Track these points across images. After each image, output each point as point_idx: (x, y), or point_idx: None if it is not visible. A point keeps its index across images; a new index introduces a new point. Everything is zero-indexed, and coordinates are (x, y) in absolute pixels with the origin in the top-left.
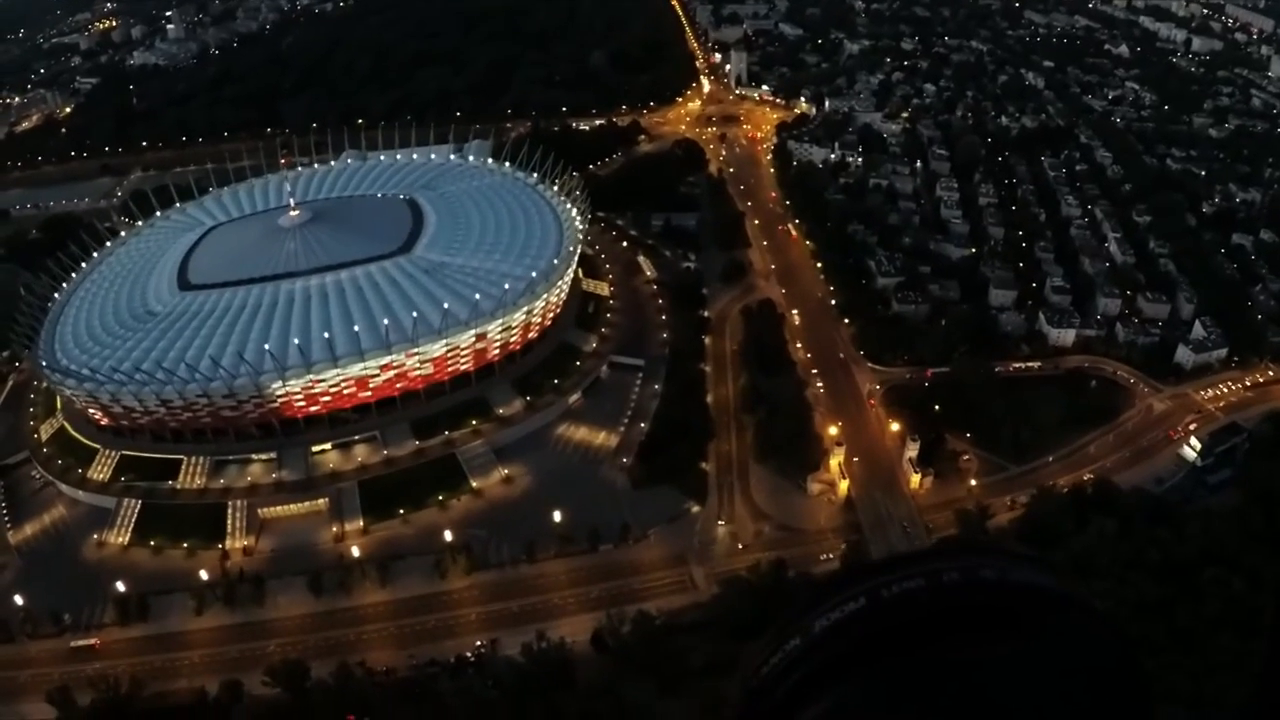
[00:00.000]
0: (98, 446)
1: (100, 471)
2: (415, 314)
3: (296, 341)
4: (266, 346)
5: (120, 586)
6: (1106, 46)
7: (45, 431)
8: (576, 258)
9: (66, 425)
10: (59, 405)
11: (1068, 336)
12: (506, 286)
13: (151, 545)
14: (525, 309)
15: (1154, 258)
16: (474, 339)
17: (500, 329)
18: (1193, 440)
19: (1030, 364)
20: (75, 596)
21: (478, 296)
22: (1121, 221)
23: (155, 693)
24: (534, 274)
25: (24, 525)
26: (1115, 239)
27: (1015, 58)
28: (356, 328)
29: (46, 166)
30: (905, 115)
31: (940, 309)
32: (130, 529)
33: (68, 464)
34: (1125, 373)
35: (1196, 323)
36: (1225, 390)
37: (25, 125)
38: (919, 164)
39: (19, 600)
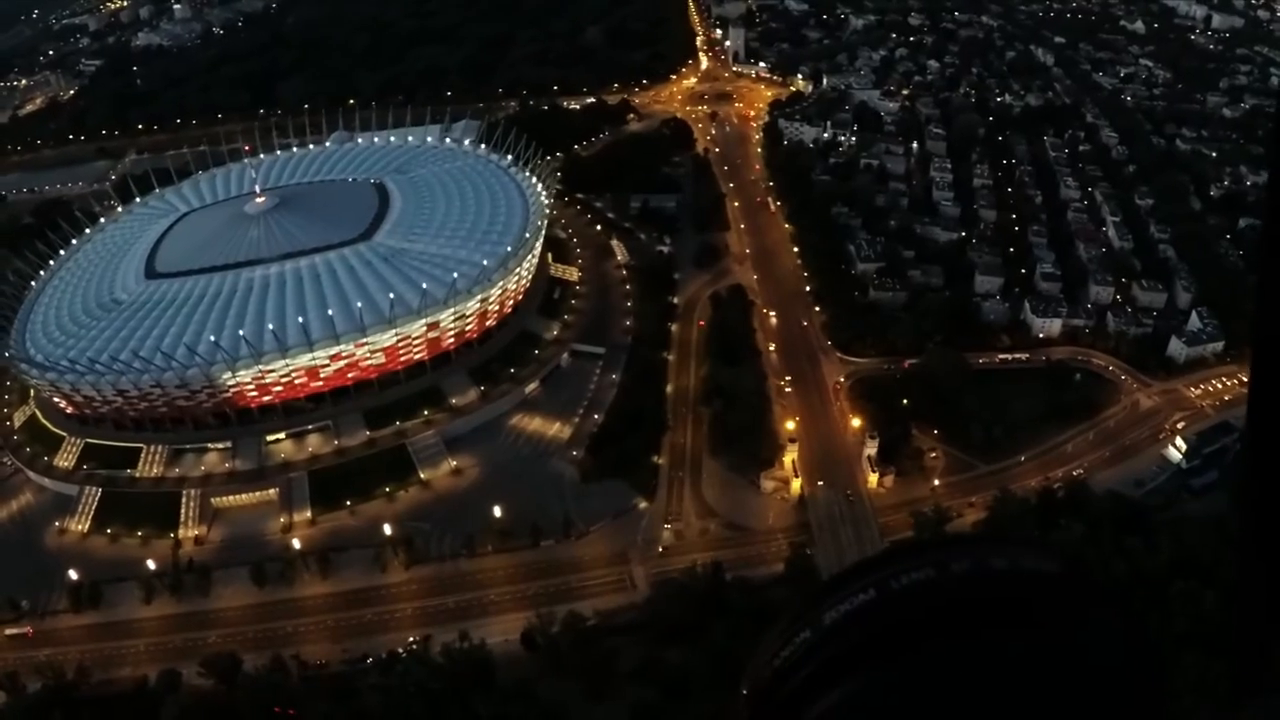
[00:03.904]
0: (64, 434)
1: (65, 459)
2: (359, 304)
3: (242, 332)
4: (212, 338)
5: (73, 574)
6: (1122, 22)
7: (18, 419)
8: (539, 245)
9: (37, 413)
10: (32, 393)
11: (1054, 326)
12: (455, 275)
13: (109, 533)
14: (480, 297)
15: (1153, 243)
16: (425, 328)
17: (453, 318)
18: (1178, 440)
19: (1011, 355)
20: (34, 583)
21: (425, 285)
22: (1122, 204)
23: (101, 680)
24: (485, 262)
25: None
26: (1114, 223)
27: (1026, 33)
28: (301, 319)
29: (45, 150)
30: (905, 93)
31: (919, 296)
32: (90, 517)
33: (36, 451)
34: (1113, 366)
35: (1193, 313)
36: (1219, 386)
37: (29, 108)
38: (914, 144)
39: None
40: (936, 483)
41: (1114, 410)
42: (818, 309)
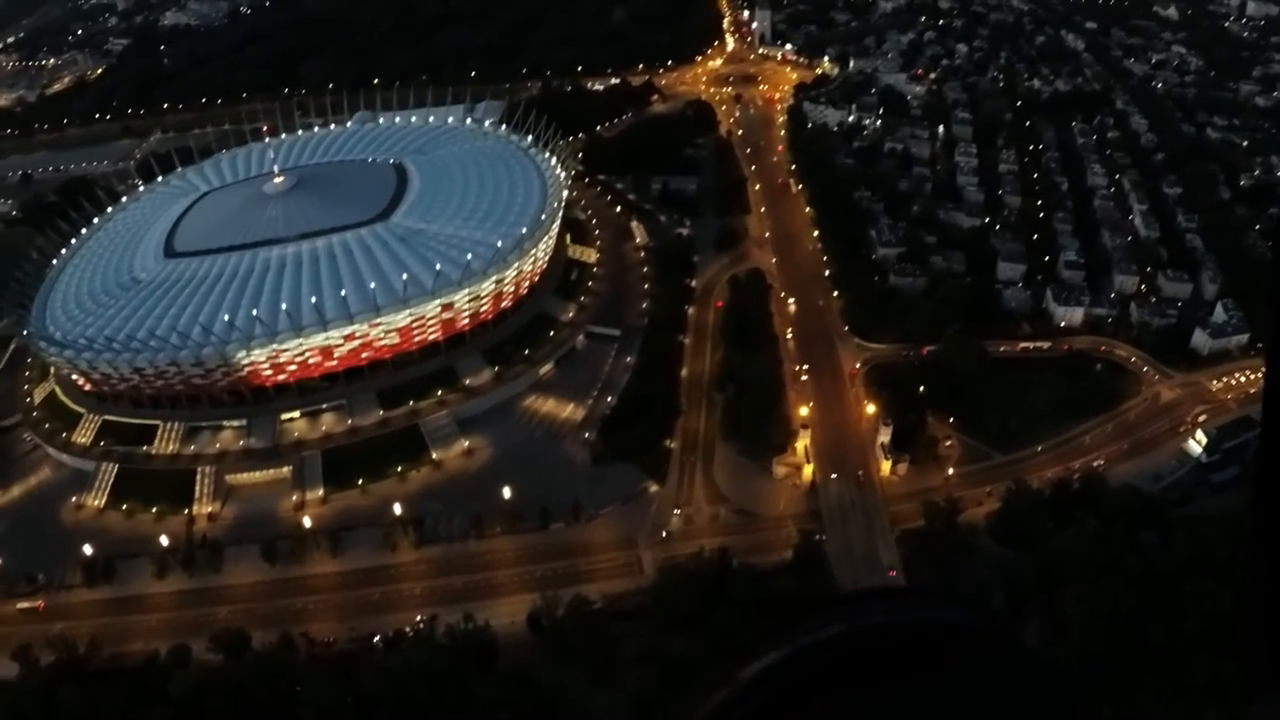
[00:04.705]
0: (83, 411)
1: (83, 435)
2: (373, 285)
3: (256, 312)
4: (226, 317)
5: (88, 549)
6: (1155, 8)
7: (39, 395)
8: (556, 227)
9: (57, 389)
10: (52, 370)
11: (1076, 315)
12: (469, 256)
13: (124, 509)
14: (495, 278)
15: (1180, 232)
16: (440, 309)
17: (468, 299)
18: (1199, 433)
19: (1031, 344)
20: (51, 558)
21: (439, 266)
22: (1150, 193)
23: (112, 654)
24: (500, 244)
25: (12, 487)
26: (1141, 211)
27: (1056, 18)
28: (315, 299)
29: (72, 129)
30: (932, 76)
31: (940, 282)
32: (106, 493)
33: (56, 428)
34: (1135, 357)
35: (1219, 305)
36: (1243, 379)
37: (57, 87)
38: (940, 128)
39: None
40: (950, 472)
41: (1134, 402)
42: (836, 294)
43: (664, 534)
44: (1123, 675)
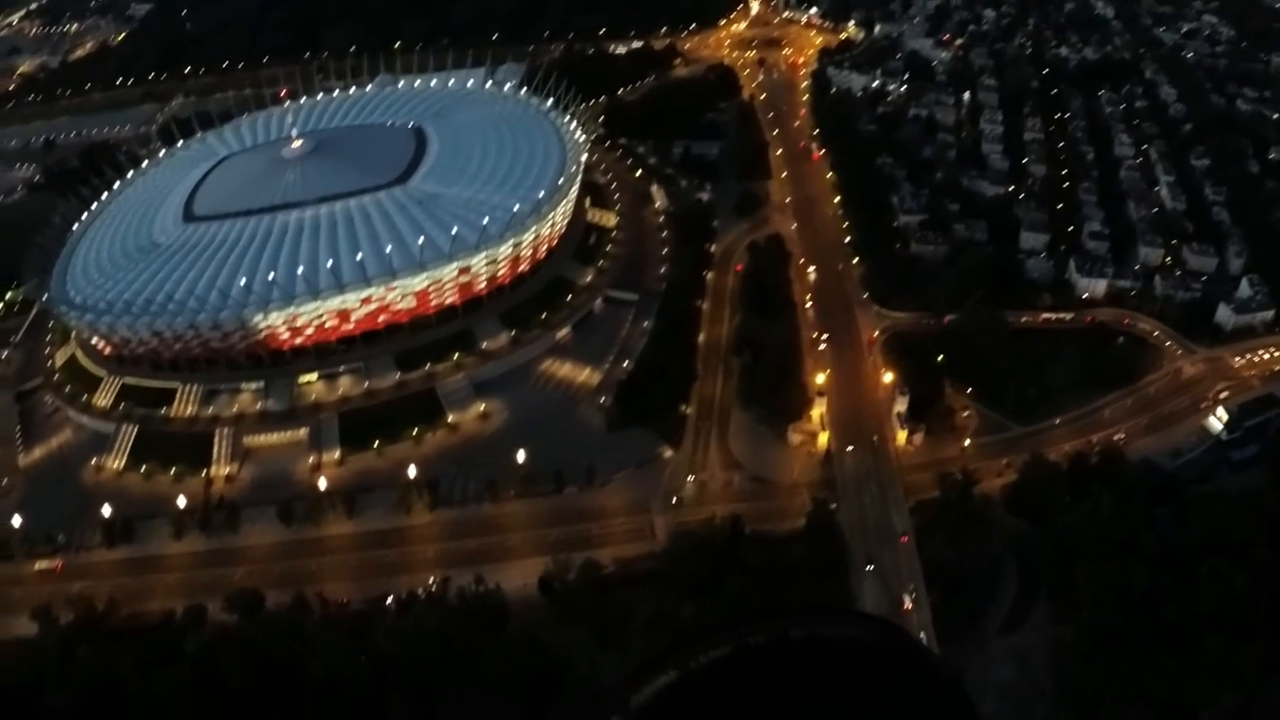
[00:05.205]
0: (103, 374)
1: (104, 398)
2: (390, 248)
3: (272, 276)
4: (242, 281)
5: (107, 510)
6: None
7: (60, 359)
8: (574, 191)
9: (78, 353)
10: (73, 334)
11: (1099, 287)
12: (486, 220)
13: (143, 471)
14: (512, 242)
15: (1207, 205)
16: (456, 272)
17: (485, 262)
18: (1220, 410)
19: (1053, 315)
20: (71, 518)
21: (455, 230)
22: (1177, 164)
23: (130, 613)
24: (517, 207)
25: (34, 449)
26: (1167, 183)
27: None
28: (330, 262)
29: (95, 94)
30: (958, 42)
31: (961, 251)
32: (126, 454)
33: (76, 390)
34: (1157, 330)
35: (1244, 279)
36: (1267, 356)
37: (80, 53)
38: (965, 94)
39: (17, 522)
40: (967, 443)
41: (1155, 376)
42: (856, 260)
43: (676, 500)
44: (1132, 655)
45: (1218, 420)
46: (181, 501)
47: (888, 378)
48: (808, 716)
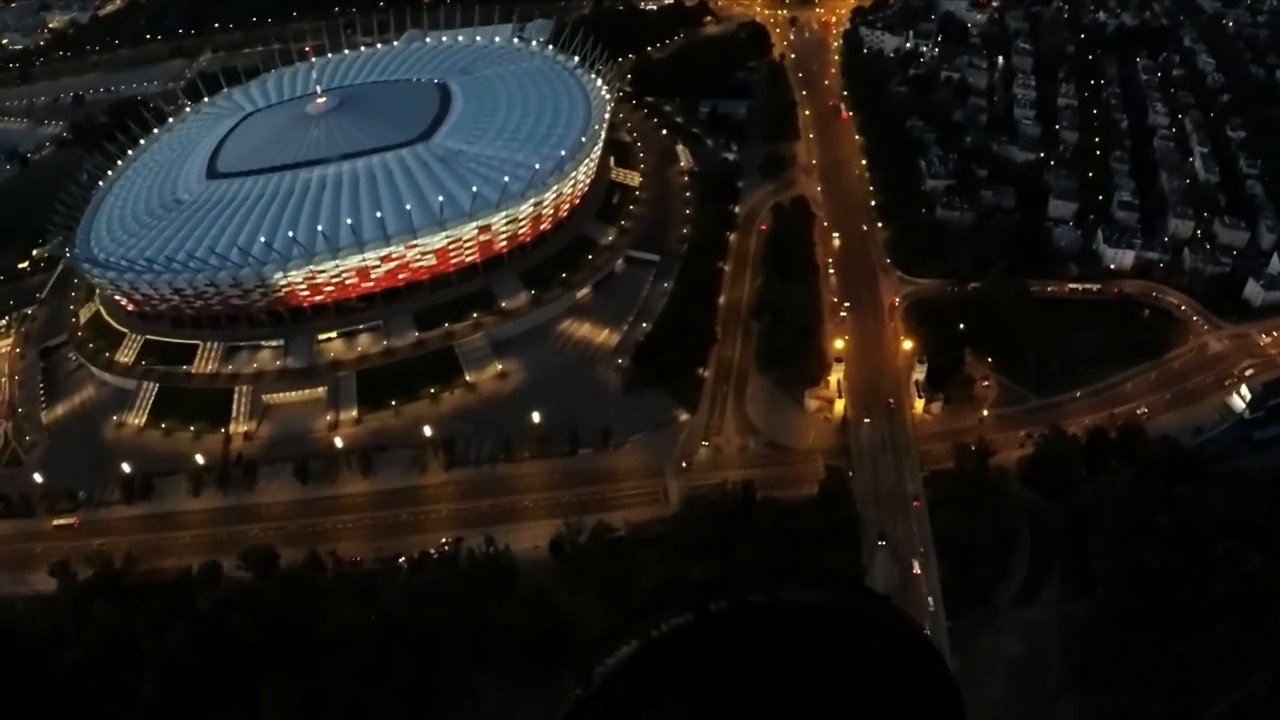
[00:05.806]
0: (125, 331)
1: (126, 355)
2: (409, 206)
3: (291, 233)
4: (263, 238)
5: (126, 467)
6: None
7: (84, 315)
8: (598, 149)
9: (101, 310)
10: (96, 291)
11: (1126, 258)
12: (507, 179)
13: (163, 427)
14: (533, 201)
15: (1242, 178)
16: (477, 231)
17: (505, 221)
18: (1244, 388)
19: (1079, 286)
20: (92, 475)
21: (475, 189)
22: (1212, 135)
23: (147, 569)
24: (538, 166)
25: (57, 405)
26: (1202, 154)
27: None
28: (350, 220)
29: (123, 50)
30: (994, 4)
31: (988, 217)
32: (147, 411)
33: (99, 347)
34: (1184, 305)
35: (1275, 255)
36: None
37: (109, 8)
38: (1000, 58)
39: (38, 478)
40: (985, 413)
41: (1180, 351)
42: (881, 225)
43: (690, 464)
44: (1142, 637)
45: (1241, 399)
46: (200, 459)
47: (907, 345)
48: (772, 685)
